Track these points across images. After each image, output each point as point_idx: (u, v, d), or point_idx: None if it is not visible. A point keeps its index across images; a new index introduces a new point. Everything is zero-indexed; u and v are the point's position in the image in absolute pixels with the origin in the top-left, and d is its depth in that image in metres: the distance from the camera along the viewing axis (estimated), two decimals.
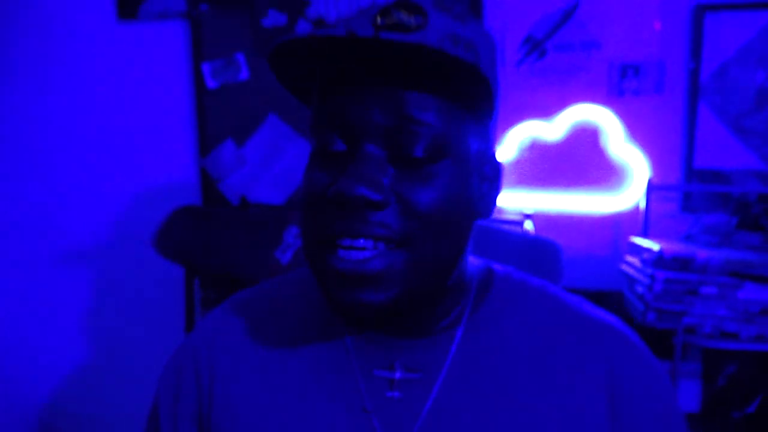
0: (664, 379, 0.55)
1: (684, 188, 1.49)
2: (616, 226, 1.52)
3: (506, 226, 1.48)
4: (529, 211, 1.53)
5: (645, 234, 1.44)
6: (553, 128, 1.55)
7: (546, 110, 1.55)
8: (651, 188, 1.46)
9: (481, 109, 0.51)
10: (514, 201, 1.58)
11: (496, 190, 0.54)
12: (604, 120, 1.52)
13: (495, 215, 1.56)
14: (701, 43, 1.46)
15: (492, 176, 0.53)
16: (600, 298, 1.55)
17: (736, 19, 1.44)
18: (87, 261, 1.86)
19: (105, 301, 1.86)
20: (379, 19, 0.47)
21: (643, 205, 1.46)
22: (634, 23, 1.49)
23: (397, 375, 0.54)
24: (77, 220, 1.85)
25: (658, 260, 1.22)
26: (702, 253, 1.22)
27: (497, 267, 0.61)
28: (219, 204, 1.75)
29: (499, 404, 0.52)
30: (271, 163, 1.71)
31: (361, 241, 0.46)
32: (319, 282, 0.49)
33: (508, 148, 1.58)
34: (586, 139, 1.54)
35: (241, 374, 0.58)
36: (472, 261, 0.59)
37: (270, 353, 0.58)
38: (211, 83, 1.72)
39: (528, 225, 1.51)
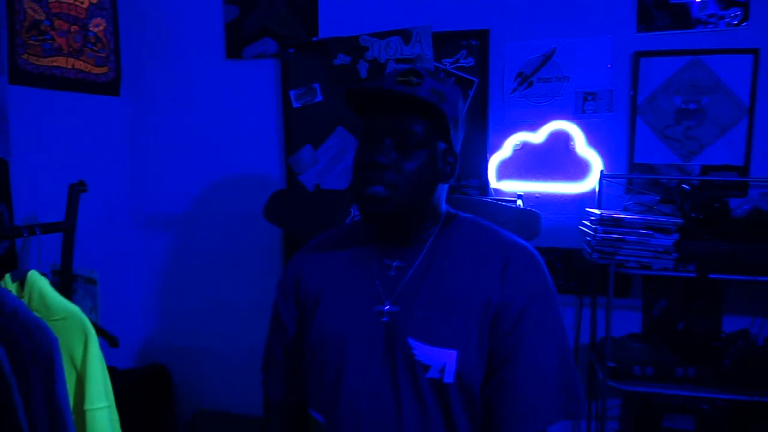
0: (543, 268, 0.99)
1: (627, 176, 2.16)
2: (580, 203, 2.20)
3: (505, 203, 2.15)
4: (520, 193, 2.20)
5: (599, 208, 2.11)
6: (537, 136, 2.23)
7: (532, 124, 2.23)
8: (603, 176, 2.13)
9: (444, 128, 0.97)
10: (510, 186, 2.25)
11: (455, 168, 1.00)
12: (573, 130, 2.19)
13: (497, 196, 2.24)
14: (638, 78, 2.14)
15: (452, 162, 1.01)
16: (568, 253, 2.22)
17: (661, 62, 2.12)
18: (210, 229, 2.57)
19: (224, 256, 2.56)
20: (398, 78, 0.95)
21: (598, 188, 2.14)
22: (593, 64, 2.17)
23: (394, 263, 1.01)
24: (200, 203, 2.56)
25: (599, 220, 1.89)
26: (628, 216, 1.89)
27: (460, 213, 1.08)
28: (300, 190, 2.44)
29: (444, 278, 0.98)
30: (338, 161, 2.40)
31: (380, 186, 0.93)
32: (357, 200, 0.95)
33: (506, 150, 2.26)
34: (560, 143, 2.21)
35: (315, 272, 1.08)
36: (448, 209, 1.07)
37: (330, 258, 1.09)
38: (295, 104, 2.41)
39: (519, 202, 2.18)
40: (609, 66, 2.15)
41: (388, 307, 0.98)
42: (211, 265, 2.59)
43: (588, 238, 1.96)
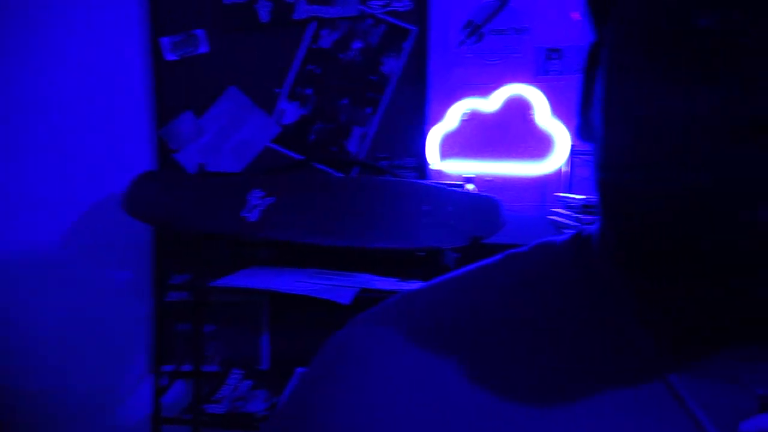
0: None
1: None
2: (544, 186, 1.75)
3: (453, 189, 1.66)
4: (469, 175, 1.72)
5: (569, 191, 1.67)
6: (489, 103, 1.76)
7: (483, 87, 1.75)
8: (573, 154, 1.69)
9: None
10: (456, 167, 1.76)
11: None
12: (533, 96, 1.74)
13: (440, 179, 1.74)
14: None
15: None
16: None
17: None
18: (55, 220, 1.85)
19: (64, 265, 1.86)
20: None
21: (566, 168, 1.70)
22: (557, 12, 1.73)
23: None
24: (39, 186, 1.84)
25: (583, 206, 1.44)
26: None
27: None
28: (176, 172, 1.81)
29: None
30: (230, 134, 1.80)
31: None
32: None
33: (450, 120, 1.76)
34: (518, 112, 1.75)
35: None
36: None
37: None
38: (169, 56, 1.78)
39: (470, 187, 1.70)
40: (575, 17, 1.72)
41: None
42: (45, 277, 1.88)
43: (566, 231, 1.50)
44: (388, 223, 1.56)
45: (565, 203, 1.55)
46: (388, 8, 1.73)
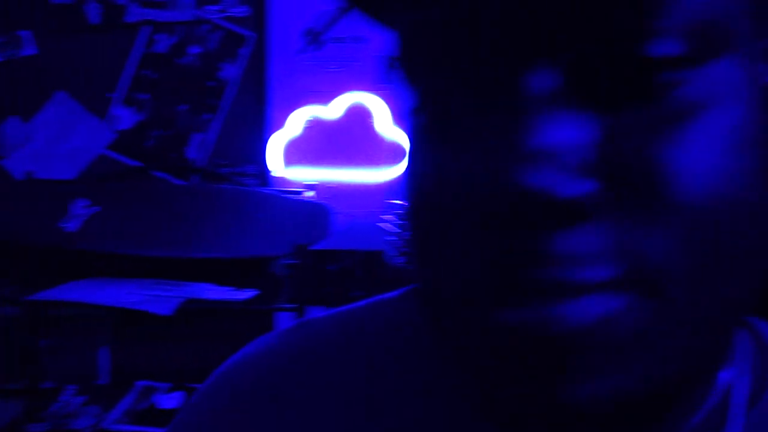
0: None
1: None
2: (383, 193, 1.77)
3: (287, 196, 1.66)
4: (313, 183, 1.72)
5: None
6: (331, 111, 1.76)
7: (325, 95, 1.75)
8: None
9: None
10: (300, 174, 1.76)
11: None
12: (374, 104, 1.76)
13: (282, 187, 1.73)
14: None
15: None
16: (370, 256, 1.78)
17: None
18: None
19: None
20: None
21: None
22: None
23: None
24: None
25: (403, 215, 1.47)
26: None
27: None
28: (1, 181, 1.72)
29: None
30: (61, 140, 1.72)
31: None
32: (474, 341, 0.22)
33: (293, 127, 1.76)
34: (360, 120, 1.77)
35: None
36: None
37: None
38: None
39: (310, 194, 1.69)
40: None
41: None
42: None
43: (390, 238, 1.53)
44: (216, 232, 1.54)
45: (392, 210, 1.58)
46: (225, 14, 1.71)
